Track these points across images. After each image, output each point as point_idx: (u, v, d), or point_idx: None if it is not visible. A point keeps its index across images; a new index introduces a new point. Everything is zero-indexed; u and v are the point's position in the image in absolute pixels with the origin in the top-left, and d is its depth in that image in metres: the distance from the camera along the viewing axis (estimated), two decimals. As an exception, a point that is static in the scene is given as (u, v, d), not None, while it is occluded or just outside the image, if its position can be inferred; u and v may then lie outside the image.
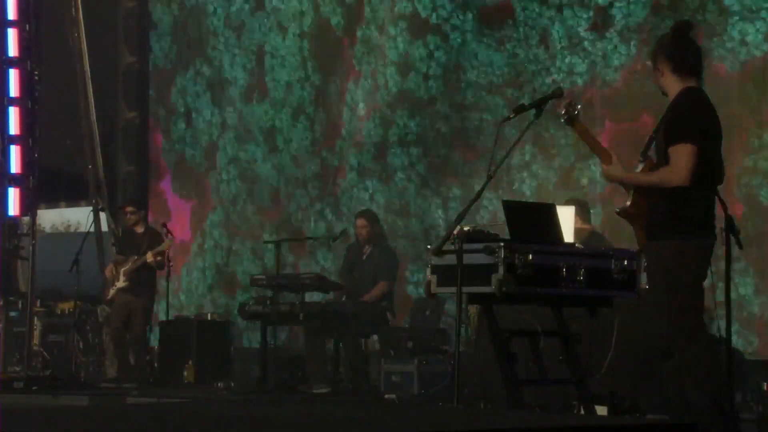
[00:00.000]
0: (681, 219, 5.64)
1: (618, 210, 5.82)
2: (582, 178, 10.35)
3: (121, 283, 11.01)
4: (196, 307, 12.78)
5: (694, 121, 5.63)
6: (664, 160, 5.65)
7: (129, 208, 11.35)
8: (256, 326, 10.58)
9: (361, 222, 10.19)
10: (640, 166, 5.81)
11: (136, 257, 11.00)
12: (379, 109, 11.61)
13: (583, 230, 8.55)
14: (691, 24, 5.89)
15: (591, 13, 10.34)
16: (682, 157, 5.54)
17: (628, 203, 5.75)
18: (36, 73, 12.47)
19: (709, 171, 5.66)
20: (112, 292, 11.12)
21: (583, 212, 8.83)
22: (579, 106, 5.85)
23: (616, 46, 10.19)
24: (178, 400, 9.19)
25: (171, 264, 11.37)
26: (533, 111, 6.14)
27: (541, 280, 5.84)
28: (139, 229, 11.23)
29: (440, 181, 11.15)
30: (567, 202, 8.39)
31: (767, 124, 9.47)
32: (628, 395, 7.17)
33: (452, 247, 5.89)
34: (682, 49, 5.76)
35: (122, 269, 11.03)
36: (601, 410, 6.48)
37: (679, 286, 5.60)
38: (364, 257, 10.20)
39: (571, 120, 5.80)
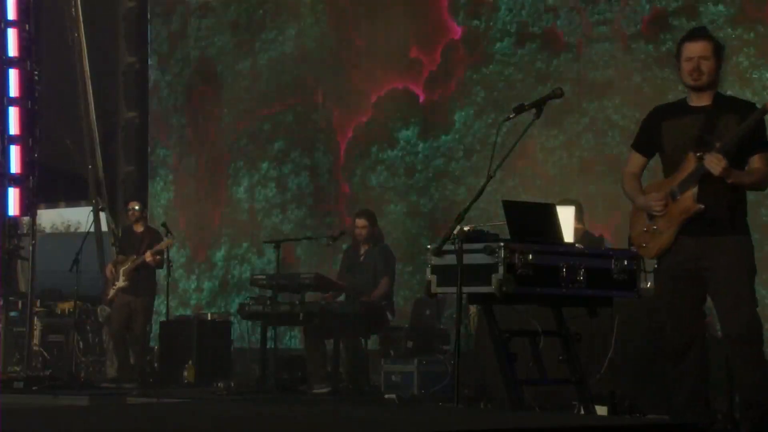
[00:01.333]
0: (744, 219, 5.80)
1: (695, 211, 5.76)
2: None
3: (120, 282, 11.01)
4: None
5: None
6: (738, 161, 5.71)
7: (135, 205, 11.31)
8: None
9: (361, 222, 10.18)
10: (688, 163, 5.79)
11: (135, 257, 11.00)
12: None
13: (577, 231, 8.55)
14: None
15: None
16: None
17: (696, 196, 5.74)
18: (36, 73, 12.49)
19: None
20: (112, 292, 11.12)
21: (576, 213, 8.82)
22: None
23: None
24: (178, 400, 9.18)
25: (171, 264, 11.37)
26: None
27: (541, 280, 5.84)
28: (139, 229, 11.22)
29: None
30: (561, 203, 8.39)
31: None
32: (628, 395, 7.17)
33: (452, 247, 5.89)
34: None
35: (122, 269, 11.03)
36: (601, 410, 6.48)
37: (753, 281, 5.75)
38: (362, 258, 10.20)
39: None
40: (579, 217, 9.01)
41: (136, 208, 11.24)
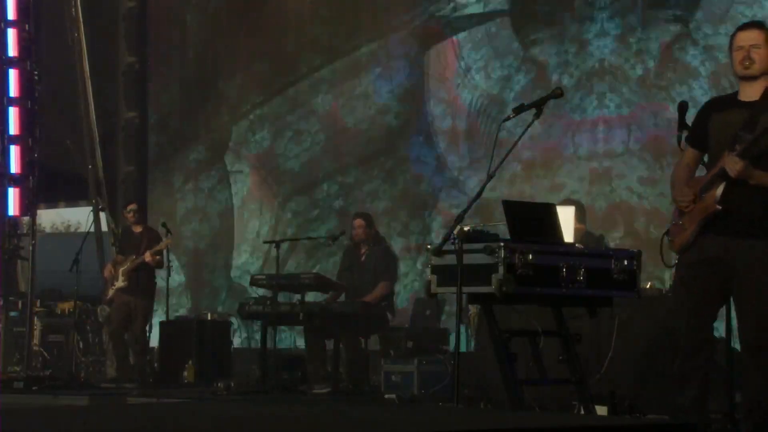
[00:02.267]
0: None
1: (713, 212, 5.64)
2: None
3: (120, 283, 11.00)
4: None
5: None
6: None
7: (132, 206, 11.34)
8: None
9: (358, 222, 10.23)
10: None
11: (134, 257, 10.99)
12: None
13: (578, 230, 8.56)
14: None
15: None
16: None
17: (719, 196, 5.62)
18: (36, 73, 12.48)
19: None
20: (111, 292, 11.11)
21: (578, 213, 8.83)
22: None
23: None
24: (178, 400, 9.18)
25: (171, 264, 11.37)
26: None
27: (541, 280, 5.84)
28: (138, 229, 11.21)
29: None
30: (561, 203, 8.39)
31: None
32: (628, 395, 7.17)
33: (452, 247, 5.89)
34: None
35: (121, 269, 11.02)
36: (601, 410, 6.48)
37: None
38: (363, 258, 10.21)
39: None
40: (579, 217, 9.02)
41: (134, 209, 11.26)
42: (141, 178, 14.07)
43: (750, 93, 5.72)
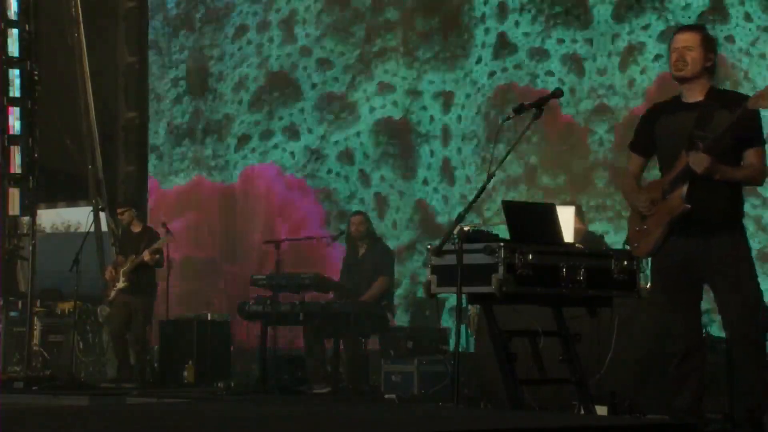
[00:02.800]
0: (741, 215, 5.75)
1: (681, 211, 5.69)
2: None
3: (120, 283, 10.99)
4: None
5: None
6: (733, 157, 5.66)
7: (118, 209, 11.38)
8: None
9: (359, 219, 10.28)
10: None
11: (134, 257, 10.99)
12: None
13: (579, 231, 8.57)
14: None
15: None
16: (765, 159, 5.68)
17: (685, 195, 5.67)
18: (36, 73, 12.49)
19: None
20: (112, 293, 11.10)
21: (578, 213, 8.83)
22: None
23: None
24: (178, 400, 9.19)
25: (172, 264, 11.36)
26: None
27: (541, 280, 5.84)
28: (136, 229, 11.20)
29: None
30: (562, 203, 8.39)
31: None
32: (628, 395, 7.17)
33: (452, 247, 5.89)
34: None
35: (122, 270, 11.02)
36: (601, 410, 6.48)
37: (755, 279, 5.68)
38: (360, 256, 10.23)
39: None
40: (580, 217, 9.03)
41: (119, 211, 11.27)
42: (141, 178, 14.07)
43: (694, 94, 5.79)
